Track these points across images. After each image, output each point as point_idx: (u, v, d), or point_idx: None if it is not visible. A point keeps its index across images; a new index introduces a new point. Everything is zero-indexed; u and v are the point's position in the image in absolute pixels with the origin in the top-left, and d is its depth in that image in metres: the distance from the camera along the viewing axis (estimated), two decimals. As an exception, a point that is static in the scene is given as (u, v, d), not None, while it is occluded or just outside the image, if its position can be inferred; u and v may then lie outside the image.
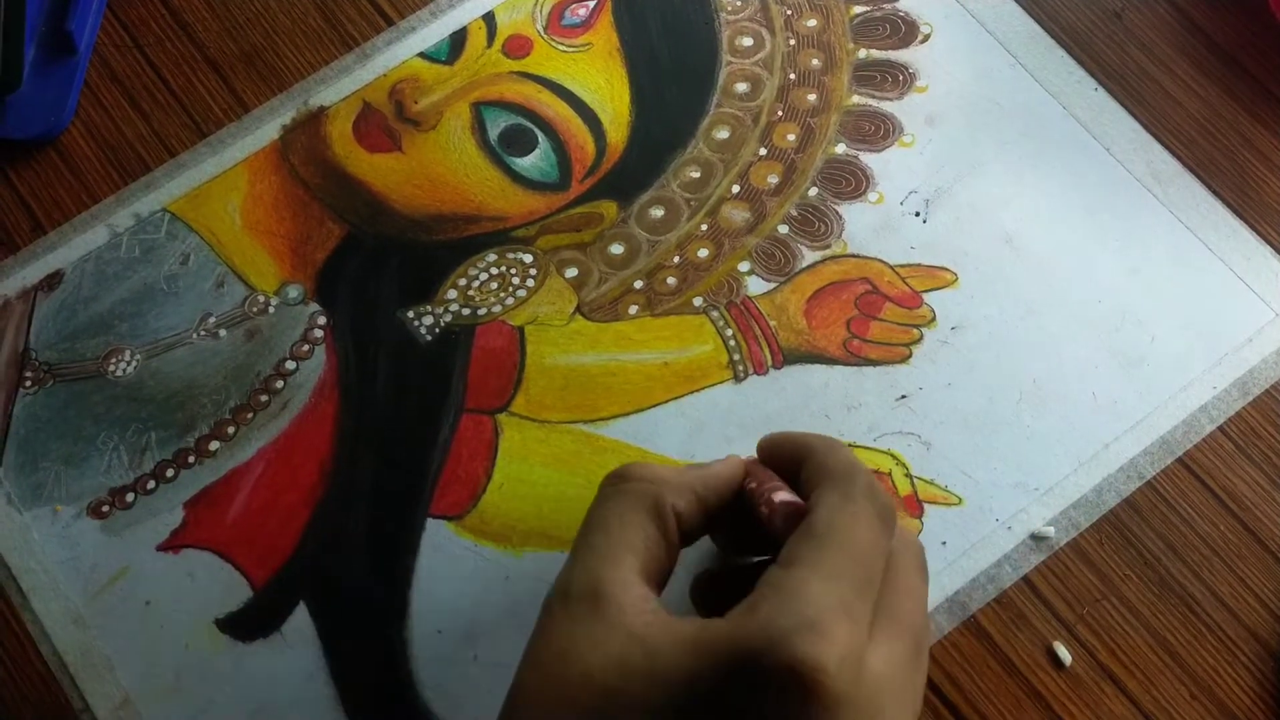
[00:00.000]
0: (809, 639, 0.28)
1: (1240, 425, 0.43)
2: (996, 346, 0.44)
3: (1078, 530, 0.41)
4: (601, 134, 0.48)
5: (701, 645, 0.29)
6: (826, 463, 0.33)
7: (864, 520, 0.31)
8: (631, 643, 0.29)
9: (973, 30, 0.50)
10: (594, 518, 0.33)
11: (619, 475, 0.34)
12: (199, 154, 0.48)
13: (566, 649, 0.30)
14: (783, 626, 0.28)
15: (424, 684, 0.40)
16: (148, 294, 0.46)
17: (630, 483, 0.34)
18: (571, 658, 0.30)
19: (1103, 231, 0.46)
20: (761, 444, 0.37)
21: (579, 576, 0.31)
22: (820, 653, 0.27)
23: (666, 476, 0.34)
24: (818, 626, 0.28)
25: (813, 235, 0.46)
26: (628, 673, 0.29)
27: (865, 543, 0.31)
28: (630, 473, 0.34)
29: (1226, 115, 0.48)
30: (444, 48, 0.50)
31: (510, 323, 0.45)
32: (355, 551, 0.42)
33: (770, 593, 0.29)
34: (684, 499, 0.33)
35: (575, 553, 0.33)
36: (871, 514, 0.31)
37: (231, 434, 0.43)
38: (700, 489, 0.34)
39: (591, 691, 0.29)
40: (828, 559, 0.30)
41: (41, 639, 0.41)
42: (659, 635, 0.29)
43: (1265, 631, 0.40)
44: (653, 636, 0.29)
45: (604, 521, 0.33)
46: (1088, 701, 0.39)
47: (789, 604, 0.29)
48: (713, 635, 0.29)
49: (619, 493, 0.33)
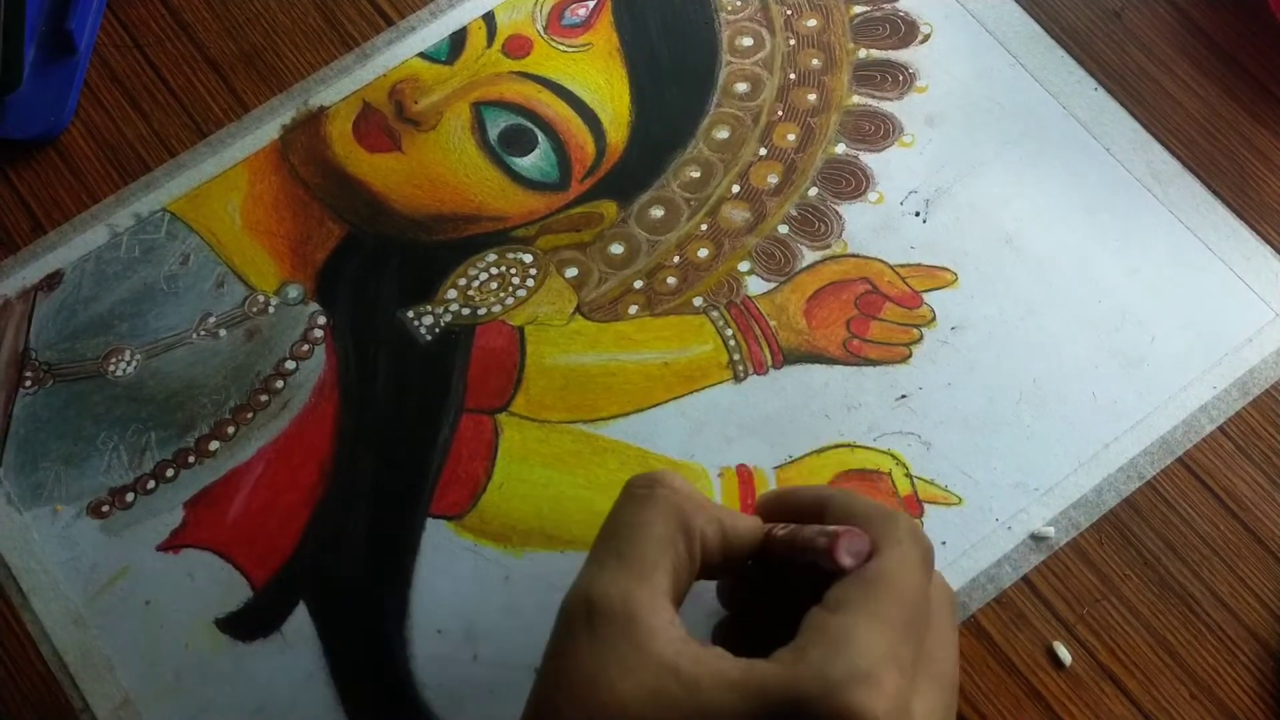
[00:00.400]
0: (862, 689, 0.27)
1: (1240, 425, 0.43)
2: (996, 346, 0.44)
3: (1078, 530, 0.41)
4: (601, 134, 0.48)
5: (750, 687, 0.28)
6: (856, 508, 0.32)
7: (911, 564, 0.31)
8: (665, 673, 0.28)
9: (973, 30, 0.50)
10: (623, 521, 0.32)
11: (650, 480, 0.33)
12: (199, 154, 0.48)
13: (596, 674, 0.29)
14: (836, 675, 0.27)
15: (424, 684, 0.40)
16: (148, 294, 0.46)
17: (663, 490, 0.32)
18: (602, 683, 0.29)
19: (1103, 231, 0.46)
20: (764, 500, 0.36)
21: (607, 590, 0.30)
22: (873, 704, 0.27)
23: (699, 499, 0.33)
24: (871, 677, 0.27)
25: (813, 235, 0.46)
26: (663, 705, 0.28)
27: (911, 587, 0.30)
28: (662, 479, 0.33)
29: (1226, 115, 0.48)
30: (444, 48, 0.50)
31: (510, 323, 0.45)
32: (355, 551, 0.42)
33: (819, 637, 0.29)
34: (713, 528, 0.32)
35: (601, 559, 0.31)
36: (917, 558, 0.31)
37: (231, 434, 0.44)
38: (728, 525, 0.33)
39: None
40: (877, 605, 0.29)
41: (41, 639, 0.41)
42: (694, 668, 0.29)
43: (1265, 631, 0.40)
44: (687, 669, 0.28)
45: (635, 531, 0.31)
46: (1088, 701, 0.39)
47: (840, 651, 0.28)
48: (760, 677, 0.28)
49: (653, 499, 0.32)
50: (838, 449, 0.43)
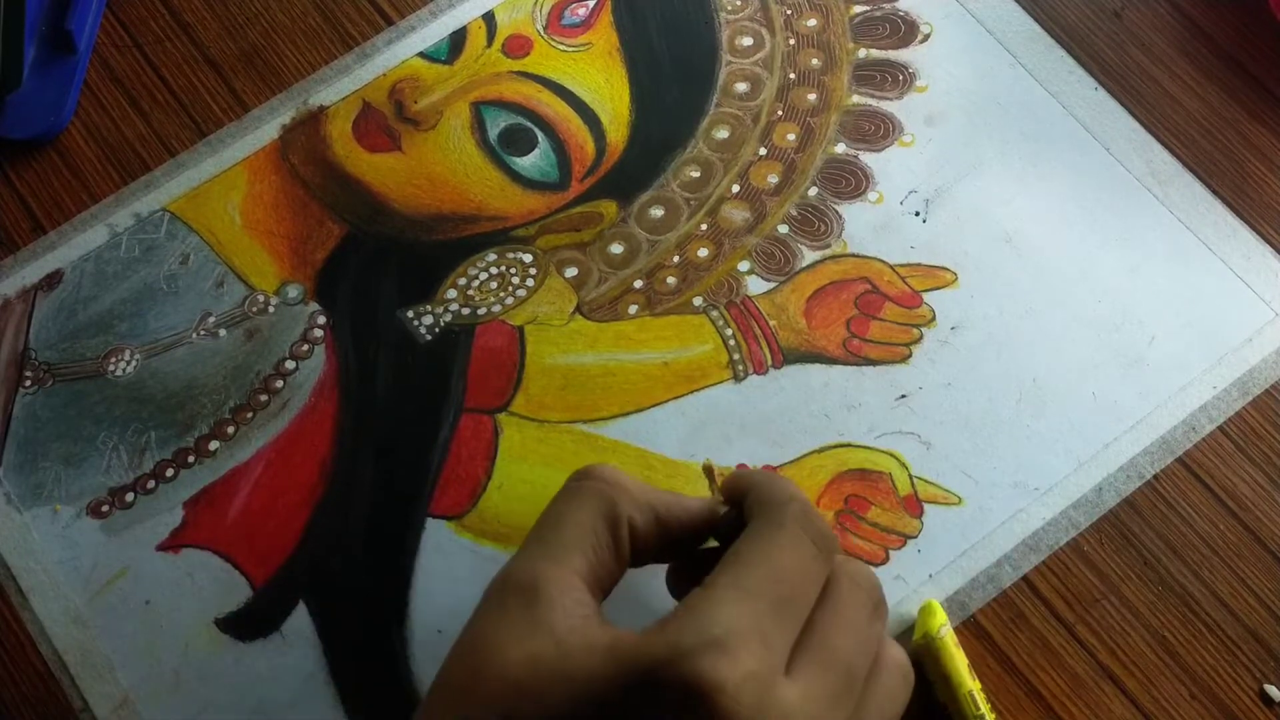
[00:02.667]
0: (710, 657, 0.27)
1: (1240, 425, 0.43)
2: (996, 346, 0.44)
3: (1078, 530, 0.41)
4: (601, 134, 0.48)
5: (613, 653, 0.29)
6: (762, 495, 0.33)
7: (789, 543, 0.31)
8: (549, 641, 0.29)
9: (973, 30, 0.50)
10: (549, 512, 0.33)
11: (583, 473, 0.34)
12: (199, 154, 0.48)
13: (490, 639, 0.30)
14: (687, 642, 0.28)
15: (423, 683, 0.40)
16: (148, 294, 0.46)
17: (590, 482, 0.33)
18: (492, 648, 0.30)
19: (1103, 231, 0.46)
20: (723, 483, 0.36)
21: (521, 568, 0.31)
22: (720, 672, 0.27)
23: (628, 486, 0.33)
24: (722, 645, 0.28)
25: (812, 235, 0.46)
26: (538, 670, 0.29)
27: (789, 566, 0.30)
28: (593, 472, 0.34)
29: (1226, 115, 0.48)
30: (444, 47, 0.50)
31: (510, 322, 0.45)
32: (355, 551, 0.42)
33: (683, 610, 0.29)
34: (642, 514, 0.33)
35: (525, 545, 0.33)
36: (800, 538, 0.31)
37: (231, 434, 0.43)
38: (662, 510, 0.34)
39: (502, 684, 0.29)
40: (745, 579, 0.29)
41: (41, 639, 0.41)
42: (574, 638, 0.29)
43: (1265, 631, 0.40)
44: (569, 638, 0.29)
45: (557, 517, 0.33)
46: (1088, 701, 0.39)
47: (697, 621, 0.28)
48: (624, 644, 0.29)
49: (578, 490, 0.33)
50: (838, 449, 0.43)
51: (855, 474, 0.42)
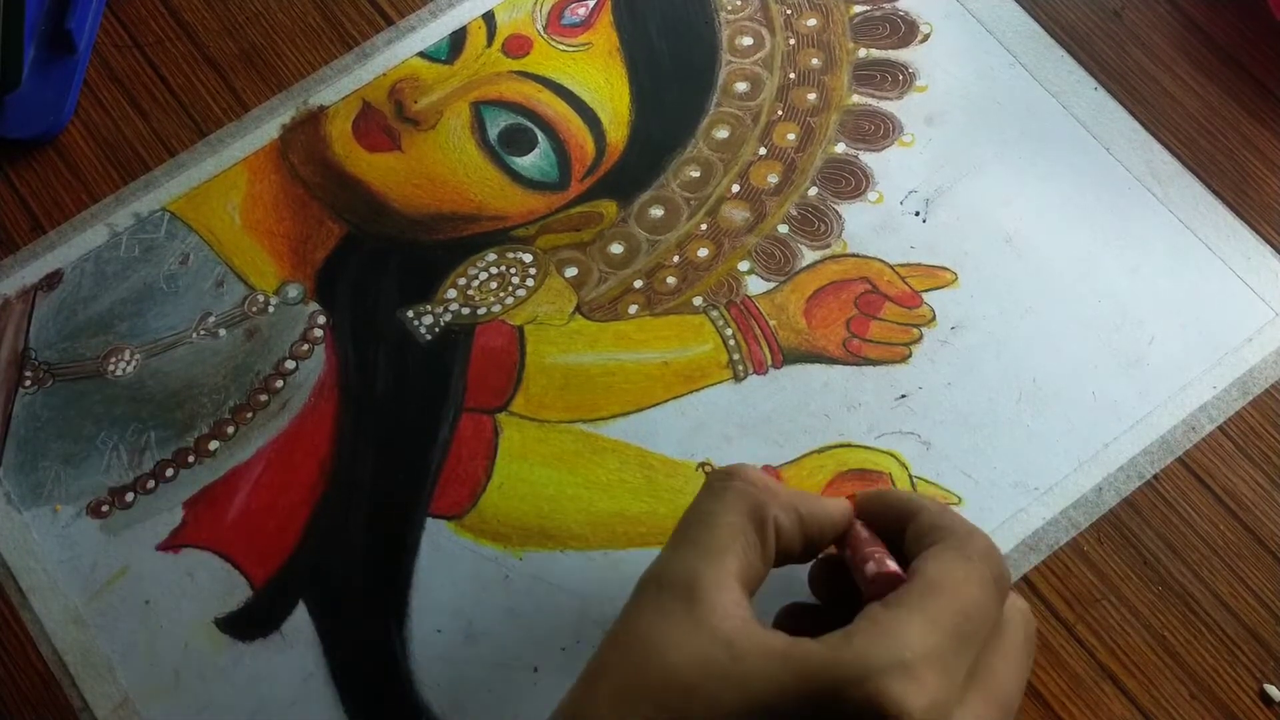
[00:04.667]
0: (900, 681, 0.28)
1: (1240, 425, 0.43)
2: (996, 346, 0.44)
3: (1078, 530, 0.41)
4: (601, 133, 0.48)
5: (791, 661, 0.29)
6: (940, 521, 0.33)
7: (976, 579, 0.31)
8: (717, 644, 0.29)
9: (973, 30, 0.50)
10: (697, 512, 0.33)
11: (727, 473, 0.34)
12: (198, 153, 0.48)
13: (653, 638, 0.30)
14: (876, 662, 0.28)
15: (423, 683, 0.40)
16: (147, 293, 0.46)
17: (738, 482, 0.33)
18: (656, 648, 0.30)
19: (1102, 231, 0.46)
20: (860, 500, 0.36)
21: (676, 568, 0.32)
22: (908, 696, 0.28)
23: (775, 488, 0.34)
24: (911, 670, 0.28)
25: (812, 235, 0.46)
26: (709, 672, 0.29)
27: (973, 601, 0.30)
28: (740, 473, 0.34)
29: (1226, 115, 0.48)
30: (444, 47, 0.50)
31: (510, 322, 0.45)
32: (355, 551, 0.42)
33: (868, 626, 0.29)
34: (787, 516, 0.33)
35: (674, 544, 0.33)
36: (986, 576, 0.31)
37: (231, 433, 0.43)
38: (805, 513, 0.34)
39: (670, 685, 0.29)
40: (932, 606, 0.30)
41: (41, 639, 0.41)
42: (746, 642, 0.29)
43: (1265, 631, 0.40)
44: (739, 642, 0.29)
45: (708, 517, 0.33)
46: (1088, 701, 0.39)
47: (886, 641, 0.29)
48: (803, 654, 0.29)
49: (727, 490, 0.33)
50: (837, 449, 0.43)
51: (855, 474, 0.42)
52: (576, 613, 0.40)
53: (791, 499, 0.34)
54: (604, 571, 0.41)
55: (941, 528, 0.33)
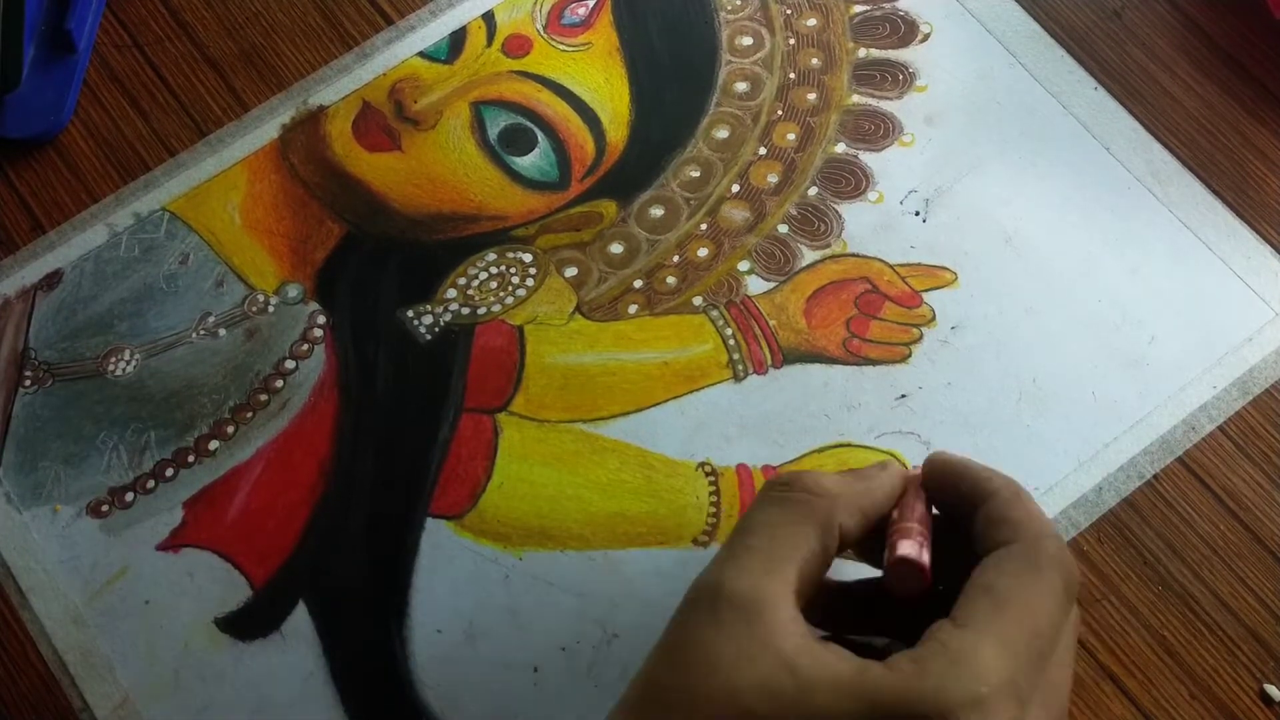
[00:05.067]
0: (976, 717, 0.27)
1: (1240, 425, 0.43)
2: (996, 346, 0.44)
3: (1078, 530, 0.41)
4: (601, 133, 0.48)
5: (864, 693, 0.28)
6: (1012, 515, 0.32)
7: (1049, 594, 0.30)
8: (782, 669, 0.28)
9: (973, 30, 0.50)
10: (757, 520, 0.32)
11: (788, 483, 0.33)
12: (198, 153, 0.48)
13: (713, 659, 0.29)
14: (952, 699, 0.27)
15: (423, 683, 0.40)
16: (147, 293, 0.46)
17: (800, 493, 0.32)
18: (719, 670, 0.29)
19: (1103, 231, 0.46)
20: (933, 463, 0.35)
21: (735, 580, 0.30)
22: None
23: (839, 492, 0.33)
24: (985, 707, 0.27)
25: (812, 234, 0.46)
26: (777, 702, 0.28)
27: (1046, 618, 0.30)
28: (800, 482, 0.33)
29: (1226, 115, 0.48)
30: (443, 47, 0.50)
31: (510, 322, 0.45)
32: (355, 551, 0.42)
33: (941, 651, 0.28)
34: (854, 519, 0.32)
35: (732, 551, 0.31)
36: (1058, 586, 0.30)
37: (231, 433, 0.43)
38: (869, 508, 0.33)
39: (735, 711, 0.28)
40: (1006, 629, 0.29)
41: (41, 639, 0.41)
42: (812, 667, 0.28)
43: (1265, 631, 0.40)
44: (805, 667, 0.28)
45: (769, 527, 0.32)
46: (1088, 702, 0.39)
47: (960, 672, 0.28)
48: (874, 686, 0.28)
49: (787, 500, 0.32)
50: (838, 449, 0.43)
51: (855, 474, 0.42)
52: (576, 613, 0.40)
53: (855, 500, 0.33)
54: (604, 572, 0.41)
55: (1012, 522, 0.32)
